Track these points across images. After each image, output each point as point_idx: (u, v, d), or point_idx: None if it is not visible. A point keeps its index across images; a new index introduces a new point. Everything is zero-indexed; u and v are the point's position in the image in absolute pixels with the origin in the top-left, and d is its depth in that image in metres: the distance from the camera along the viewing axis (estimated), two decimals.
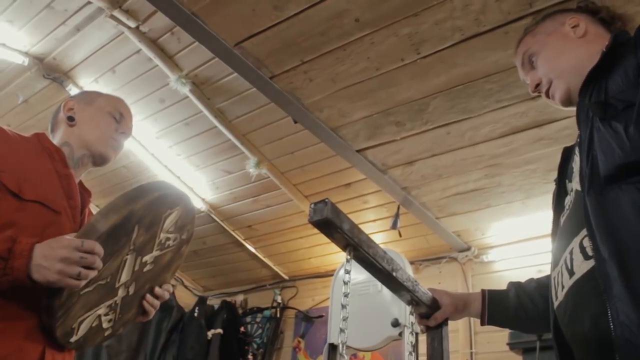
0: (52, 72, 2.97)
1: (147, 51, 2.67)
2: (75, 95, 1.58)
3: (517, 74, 1.31)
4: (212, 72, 2.71)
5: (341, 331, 1.04)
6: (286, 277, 4.16)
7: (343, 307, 1.05)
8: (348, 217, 1.03)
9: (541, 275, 1.35)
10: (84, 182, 1.47)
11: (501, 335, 2.89)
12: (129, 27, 2.58)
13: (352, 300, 1.07)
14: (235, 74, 2.49)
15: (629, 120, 0.90)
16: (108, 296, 1.20)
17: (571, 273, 1.00)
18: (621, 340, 0.82)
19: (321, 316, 3.82)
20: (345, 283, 1.06)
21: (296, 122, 2.58)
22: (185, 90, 2.78)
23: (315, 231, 1.04)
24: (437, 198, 2.91)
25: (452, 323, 1.48)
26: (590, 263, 0.94)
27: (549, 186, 1.98)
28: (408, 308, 1.38)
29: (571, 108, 1.15)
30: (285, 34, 2.07)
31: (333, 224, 0.98)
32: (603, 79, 0.99)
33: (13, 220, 1.13)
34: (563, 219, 1.11)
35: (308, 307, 3.98)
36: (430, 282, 3.16)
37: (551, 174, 1.77)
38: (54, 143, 1.39)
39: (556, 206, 1.17)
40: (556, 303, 1.07)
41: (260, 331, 4.05)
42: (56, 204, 1.23)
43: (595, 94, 1.00)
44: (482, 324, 1.39)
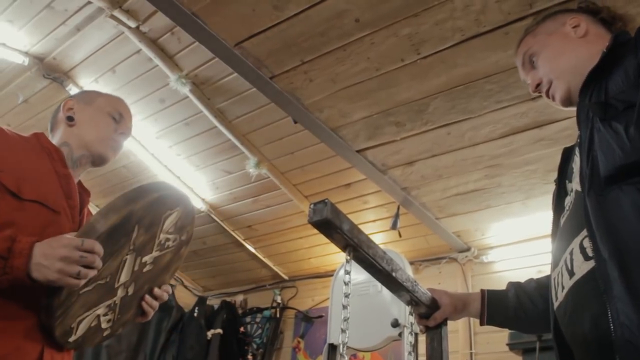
0: (52, 72, 2.97)
1: (147, 51, 2.67)
2: (75, 95, 1.57)
3: (518, 75, 1.31)
4: (212, 72, 2.71)
5: (342, 331, 1.04)
6: (286, 277, 4.16)
7: (344, 308, 1.05)
8: (348, 218, 1.03)
9: (541, 275, 1.34)
10: (84, 182, 1.47)
11: (501, 335, 2.89)
12: (129, 27, 2.58)
13: (352, 300, 1.06)
14: (235, 74, 2.49)
15: (630, 120, 0.90)
16: (107, 296, 1.20)
17: (571, 274, 1.00)
18: (621, 341, 0.82)
19: (321, 316, 3.82)
20: (345, 283, 1.06)
21: (296, 122, 2.58)
22: (185, 90, 2.78)
23: (315, 231, 1.04)
24: (437, 198, 2.91)
25: (452, 323, 1.48)
26: (590, 264, 0.94)
27: (549, 187, 1.98)
28: (407, 308, 1.38)
29: (571, 108, 1.15)
30: (285, 34, 2.07)
31: (333, 225, 0.98)
32: (603, 80, 0.99)
33: (12, 220, 1.12)
34: (563, 220, 1.11)
35: (308, 308, 3.98)
36: (430, 283, 3.15)
37: (551, 175, 1.77)
38: (54, 143, 1.38)
39: (556, 207, 1.17)
40: (556, 304, 1.07)
41: (260, 331, 4.04)
42: (55, 204, 1.23)
43: (595, 95, 0.99)
44: (482, 324, 1.38)
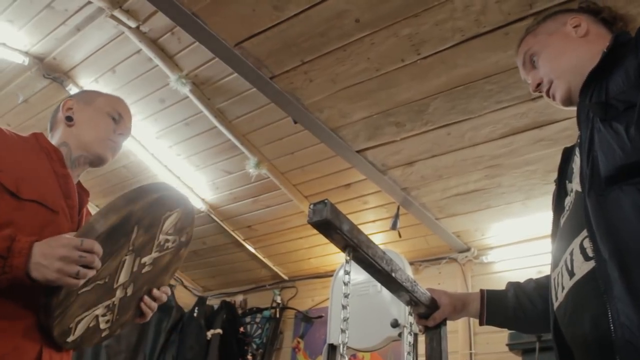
0: (52, 72, 2.97)
1: (147, 51, 2.67)
2: (74, 94, 1.57)
3: (518, 75, 1.31)
4: (212, 72, 2.71)
5: (342, 331, 1.04)
6: (286, 278, 4.16)
7: (343, 308, 1.05)
8: (347, 218, 1.02)
9: (541, 276, 1.34)
10: (84, 182, 1.46)
11: (500, 336, 2.89)
12: (129, 27, 2.58)
13: (352, 300, 1.06)
14: (235, 74, 2.49)
15: (630, 121, 0.90)
16: (106, 296, 1.20)
17: (571, 274, 1.00)
18: (622, 341, 0.82)
19: (321, 316, 3.82)
20: (345, 284, 1.06)
21: (296, 123, 2.58)
22: (185, 90, 2.78)
23: (315, 231, 1.03)
24: (437, 199, 2.91)
25: (452, 324, 1.47)
26: (590, 264, 0.93)
27: (549, 187, 1.98)
28: (407, 308, 1.38)
29: (571, 108, 1.14)
30: (285, 35, 2.07)
31: (332, 225, 0.98)
32: (604, 80, 0.99)
33: (11, 219, 1.12)
34: (563, 220, 1.11)
35: (307, 308, 3.98)
36: (430, 283, 3.15)
37: (551, 175, 1.77)
38: (53, 143, 1.38)
39: (556, 207, 1.17)
40: (556, 304, 1.07)
41: (259, 331, 4.04)
42: (54, 204, 1.23)
43: (595, 95, 0.99)
44: (481, 324, 1.38)
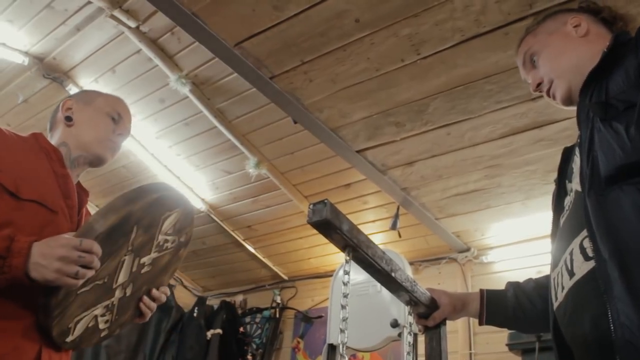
0: (52, 72, 2.97)
1: (147, 51, 2.66)
2: (74, 94, 1.56)
3: (518, 75, 1.31)
4: (212, 72, 2.71)
5: (341, 331, 1.04)
6: (285, 278, 4.16)
7: (343, 308, 1.05)
8: (347, 218, 1.02)
9: (540, 276, 1.34)
10: (83, 182, 1.46)
11: (500, 336, 2.89)
12: (129, 27, 2.58)
13: (352, 300, 1.06)
14: (235, 74, 2.49)
15: (630, 120, 0.90)
16: (105, 297, 1.20)
17: (571, 274, 0.99)
18: (622, 341, 0.82)
19: (320, 316, 3.82)
20: (344, 284, 1.06)
21: (296, 123, 2.58)
22: (185, 90, 2.78)
23: (314, 231, 1.03)
24: (437, 199, 2.90)
25: (452, 324, 1.47)
26: (590, 264, 0.93)
27: (549, 187, 1.98)
28: (407, 308, 1.37)
29: (571, 108, 1.14)
30: (285, 35, 2.07)
31: (332, 225, 0.98)
32: (604, 79, 0.99)
33: (10, 219, 1.12)
34: (563, 220, 1.11)
35: (307, 308, 3.98)
36: (429, 283, 3.15)
37: (551, 175, 1.77)
38: (52, 143, 1.38)
39: (556, 207, 1.17)
40: (556, 304, 1.06)
41: (259, 331, 4.04)
42: (53, 204, 1.23)
43: (595, 95, 0.99)
44: (481, 324, 1.38)
